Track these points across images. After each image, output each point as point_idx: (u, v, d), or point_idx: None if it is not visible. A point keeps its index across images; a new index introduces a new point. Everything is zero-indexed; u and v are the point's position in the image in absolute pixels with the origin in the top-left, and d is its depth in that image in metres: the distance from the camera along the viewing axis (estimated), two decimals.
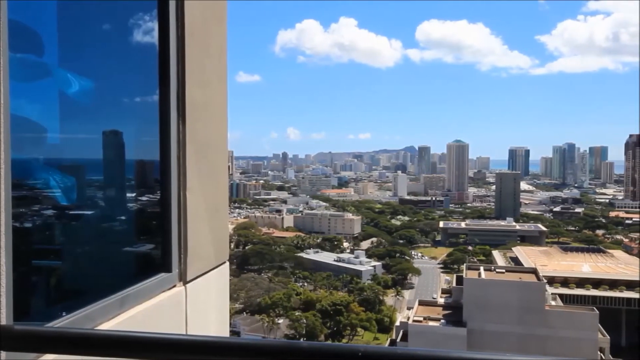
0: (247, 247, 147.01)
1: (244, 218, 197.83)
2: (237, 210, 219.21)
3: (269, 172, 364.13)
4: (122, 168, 3.27)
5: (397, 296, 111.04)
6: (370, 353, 1.42)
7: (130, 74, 3.26)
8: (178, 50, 3.14)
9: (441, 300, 65.00)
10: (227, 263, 3.94)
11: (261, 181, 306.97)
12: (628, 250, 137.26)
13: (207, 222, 3.51)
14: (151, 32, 3.14)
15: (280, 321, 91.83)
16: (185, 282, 3.20)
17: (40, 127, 2.61)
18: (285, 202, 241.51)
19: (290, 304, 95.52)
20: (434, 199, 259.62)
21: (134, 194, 3.50)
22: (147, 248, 3.39)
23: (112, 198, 3.29)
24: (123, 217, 3.38)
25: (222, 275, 3.81)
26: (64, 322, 2.24)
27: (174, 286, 3.13)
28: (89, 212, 3.13)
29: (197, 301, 3.32)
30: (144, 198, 3.52)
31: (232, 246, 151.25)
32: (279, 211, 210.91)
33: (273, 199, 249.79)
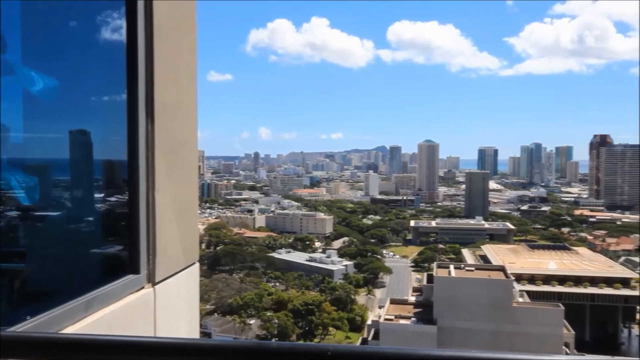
0: (218, 248, 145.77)
1: (215, 218, 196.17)
2: (208, 210, 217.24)
3: (241, 172, 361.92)
4: (89, 168, 3.22)
5: (369, 295, 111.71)
6: (339, 352, 1.42)
7: (98, 73, 3.20)
8: (147, 49, 3.10)
9: (412, 299, 65.63)
10: (197, 264, 3.90)
11: (232, 181, 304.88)
12: (592, 247, 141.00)
13: (176, 222, 3.48)
14: (119, 30, 3.10)
15: (252, 322, 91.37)
16: (154, 284, 3.16)
17: (2, 126, 2.54)
18: (256, 202, 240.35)
19: (261, 304, 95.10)
20: (405, 198, 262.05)
21: (101, 195, 3.44)
22: (115, 249, 3.34)
23: (79, 198, 3.22)
24: (90, 218, 3.32)
25: (192, 276, 3.77)
26: (27, 326, 2.22)
27: (142, 288, 3.08)
28: (54, 213, 3.07)
29: (167, 303, 3.28)
30: (111, 198, 3.47)
31: (203, 247, 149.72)
32: (250, 211, 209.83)
33: (245, 199, 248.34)
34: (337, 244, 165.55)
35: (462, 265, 72.11)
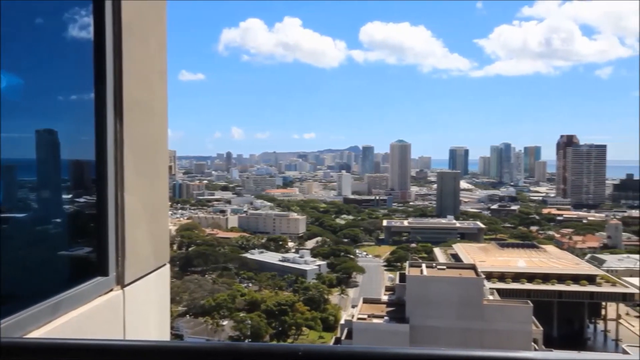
0: (190, 249, 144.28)
1: (187, 219, 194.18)
2: (180, 211, 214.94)
3: (213, 172, 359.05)
4: (56, 168, 3.15)
5: (342, 295, 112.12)
6: (310, 352, 1.41)
7: (65, 71, 3.14)
8: (115, 47, 3.05)
9: (385, 298, 66.09)
10: (168, 265, 3.86)
11: (205, 181, 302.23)
12: (559, 245, 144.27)
13: (146, 223, 3.43)
14: (87, 28, 3.04)
15: (225, 323, 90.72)
16: (123, 286, 3.11)
17: None
18: (229, 202, 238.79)
19: (234, 305, 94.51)
20: (377, 198, 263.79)
21: (69, 195, 3.37)
22: (83, 251, 3.27)
23: (46, 199, 3.15)
24: (57, 220, 3.25)
25: (162, 278, 3.73)
26: None
27: (111, 290, 3.03)
28: (20, 215, 3.00)
29: (136, 305, 3.24)
30: (79, 199, 3.40)
31: (175, 248, 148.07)
32: (223, 211, 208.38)
33: (217, 200, 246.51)
34: (310, 244, 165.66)
35: (434, 264, 72.95)
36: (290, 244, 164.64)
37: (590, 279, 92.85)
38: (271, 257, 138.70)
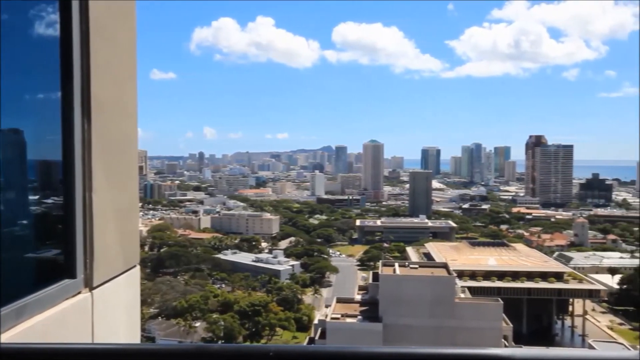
0: (162, 250, 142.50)
1: (159, 220, 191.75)
2: (151, 211, 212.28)
3: (185, 172, 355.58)
4: (23, 169, 3.07)
5: (316, 294, 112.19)
6: (281, 352, 1.40)
7: (31, 70, 3.06)
8: (82, 45, 2.99)
9: (358, 297, 66.38)
10: (138, 267, 3.80)
11: (177, 181, 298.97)
12: (528, 243, 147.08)
13: (115, 224, 3.37)
14: (53, 25, 2.98)
15: (198, 324, 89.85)
16: (92, 288, 3.05)
17: None
18: (201, 202, 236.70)
19: (207, 307, 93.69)
20: (350, 197, 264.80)
21: (36, 196, 3.29)
22: (49, 253, 3.20)
23: (11, 200, 3.07)
24: (22, 221, 3.17)
25: (132, 280, 3.67)
26: None
27: (79, 293, 2.97)
28: None
29: (105, 308, 3.18)
30: (46, 200, 3.32)
31: (147, 249, 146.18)
32: (195, 212, 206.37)
33: (189, 200, 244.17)
34: (284, 244, 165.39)
35: (407, 263, 73.62)
36: (264, 245, 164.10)
37: (558, 277, 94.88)
38: (244, 258, 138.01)
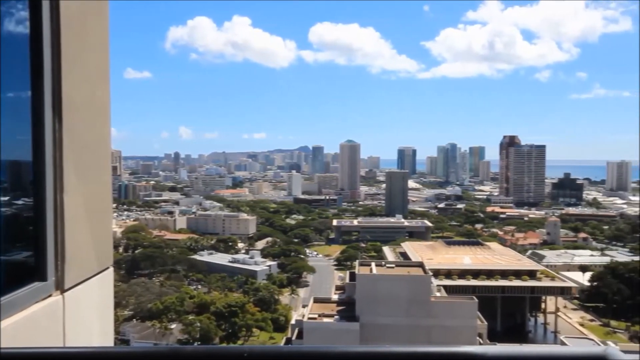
0: (136, 251, 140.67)
1: (134, 220, 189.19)
2: (126, 212, 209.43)
3: (160, 172, 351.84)
4: None
5: (293, 295, 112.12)
6: (255, 353, 1.39)
7: (1, 68, 2.99)
8: (53, 44, 2.94)
9: (335, 297, 66.50)
10: (112, 268, 3.75)
11: (152, 182, 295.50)
12: (502, 242, 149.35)
13: (87, 225, 3.32)
14: (23, 23, 2.91)
15: (173, 326, 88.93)
16: (63, 291, 3.00)
17: None
18: (177, 203, 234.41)
19: (183, 308, 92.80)
20: (327, 197, 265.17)
21: (5, 197, 3.22)
22: (19, 256, 3.12)
23: None
24: None
25: (105, 282, 3.61)
26: None
27: (50, 295, 2.91)
28: None
29: (77, 311, 3.13)
30: (15, 201, 3.25)
31: (121, 250, 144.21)
32: (171, 213, 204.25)
33: (164, 201, 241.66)
34: (261, 244, 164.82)
35: (383, 263, 74.00)
36: (240, 245, 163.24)
37: (531, 274, 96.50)
38: (221, 259, 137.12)
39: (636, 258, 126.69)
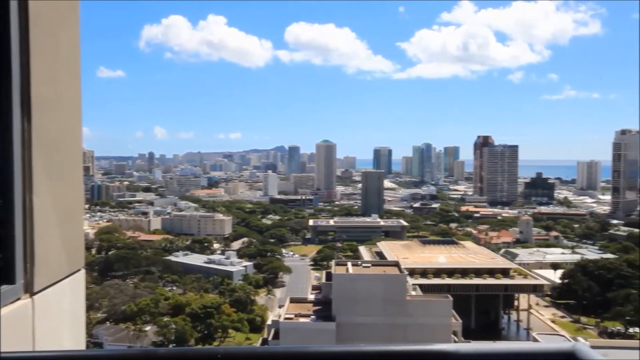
0: (110, 253, 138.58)
1: (107, 221, 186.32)
2: (99, 213, 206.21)
3: (134, 172, 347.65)
4: None
5: (269, 295, 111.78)
6: (229, 354, 1.37)
7: None
8: (21, 42, 2.87)
9: (312, 297, 66.53)
10: (83, 270, 3.68)
11: (125, 182, 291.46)
12: (476, 241, 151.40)
13: (58, 226, 3.25)
14: None
15: (148, 328, 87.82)
16: (32, 294, 2.93)
17: None
18: (152, 203, 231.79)
19: (158, 310, 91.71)
20: (303, 197, 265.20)
21: None
22: None
23: None
24: None
25: (76, 284, 3.55)
26: None
27: (19, 299, 2.85)
28: None
29: (47, 314, 3.06)
30: None
31: (94, 252, 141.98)
32: (145, 213, 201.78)
33: (139, 201, 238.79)
34: (237, 244, 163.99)
35: (359, 262, 74.34)
36: (216, 246, 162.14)
37: (505, 273, 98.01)
38: (196, 259, 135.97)
39: (605, 255, 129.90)
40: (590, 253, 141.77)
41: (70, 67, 3.54)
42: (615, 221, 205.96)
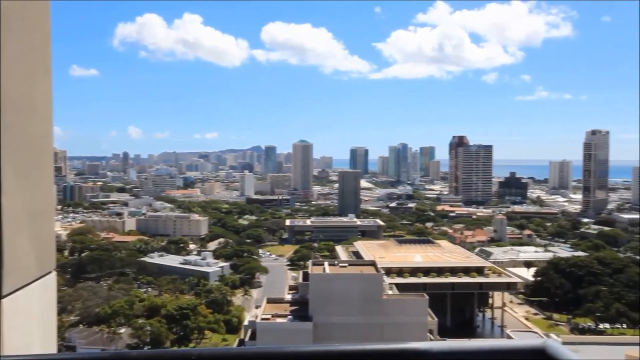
0: (83, 254, 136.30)
1: (80, 223, 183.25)
2: (71, 214, 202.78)
3: (108, 173, 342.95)
4: None
5: (246, 296, 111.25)
6: (203, 355, 1.37)
7: None
8: None
9: (288, 297, 66.45)
10: (55, 273, 3.61)
11: (99, 183, 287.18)
12: (452, 240, 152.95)
13: (27, 228, 3.19)
14: None
15: (122, 330, 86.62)
16: (1, 297, 2.87)
17: None
18: (126, 204, 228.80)
19: (133, 312, 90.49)
20: (280, 197, 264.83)
21: None
22: None
23: None
24: None
25: (47, 287, 3.48)
26: None
27: None
28: None
29: (16, 317, 3.00)
30: None
31: (66, 253, 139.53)
32: (119, 214, 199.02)
33: (113, 202, 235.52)
34: (213, 245, 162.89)
35: (336, 262, 74.48)
36: (192, 246, 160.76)
37: (479, 271, 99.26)
38: (172, 260, 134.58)
39: (576, 253, 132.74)
40: (562, 251, 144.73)
41: (41, 67, 3.48)
42: (586, 220, 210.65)
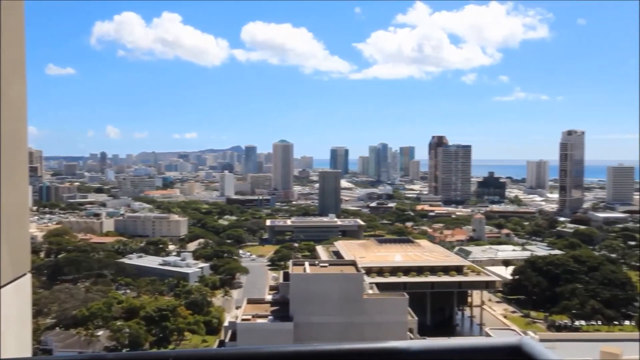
0: (60, 256, 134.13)
1: (57, 224, 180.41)
2: (47, 215, 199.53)
3: (86, 173, 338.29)
4: None
5: (226, 296, 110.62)
6: (181, 357, 1.37)
7: None
8: None
9: (269, 297, 66.25)
10: (29, 275, 3.56)
11: (76, 183, 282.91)
12: (431, 239, 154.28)
13: (1, 230, 3.14)
14: None
15: (100, 333, 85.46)
16: None
17: None
18: (104, 205, 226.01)
19: (111, 314, 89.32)
20: (260, 198, 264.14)
21: None
22: None
23: None
24: None
25: (22, 289, 3.43)
26: None
27: None
28: None
29: None
30: None
31: (42, 255, 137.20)
32: (97, 215, 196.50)
33: (90, 202, 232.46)
34: (192, 246, 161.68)
35: (317, 262, 74.47)
36: (171, 247, 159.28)
37: (459, 270, 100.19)
38: (151, 261, 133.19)
39: (553, 252, 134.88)
40: (540, 250, 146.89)
41: (15, 65, 3.42)
42: (562, 218, 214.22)
